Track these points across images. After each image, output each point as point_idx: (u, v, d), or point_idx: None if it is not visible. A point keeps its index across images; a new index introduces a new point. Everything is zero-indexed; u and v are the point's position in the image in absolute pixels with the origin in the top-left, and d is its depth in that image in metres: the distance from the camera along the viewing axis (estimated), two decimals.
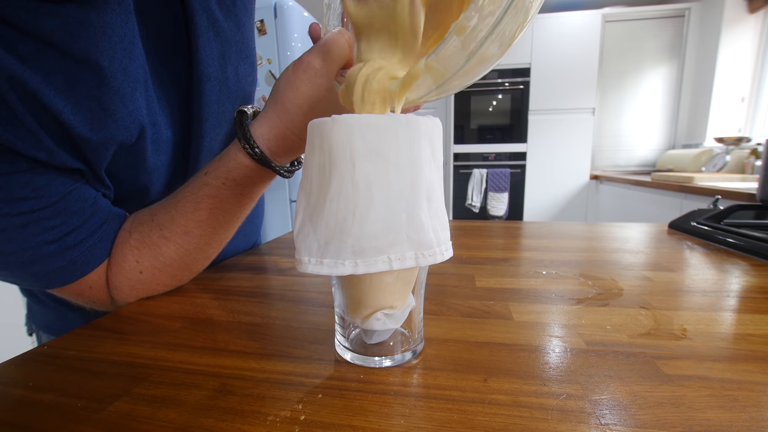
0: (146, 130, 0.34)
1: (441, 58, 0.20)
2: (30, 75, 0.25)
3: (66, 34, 0.26)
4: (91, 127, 0.29)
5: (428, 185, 0.22)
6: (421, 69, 0.21)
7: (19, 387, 0.23)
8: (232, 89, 0.42)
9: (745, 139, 2.10)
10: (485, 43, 0.19)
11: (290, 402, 0.21)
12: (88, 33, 0.27)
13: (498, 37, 0.19)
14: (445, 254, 0.22)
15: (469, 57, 0.20)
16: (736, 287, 0.37)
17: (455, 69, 0.20)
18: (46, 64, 0.26)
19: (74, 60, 0.27)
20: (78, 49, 0.27)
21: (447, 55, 0.20)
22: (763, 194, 0.68)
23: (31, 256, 0.29)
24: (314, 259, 0.21)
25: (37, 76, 0.26)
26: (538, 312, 0.32)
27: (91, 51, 0.28)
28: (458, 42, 0.19)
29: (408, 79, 0.22)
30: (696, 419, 0.18)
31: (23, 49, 0.25)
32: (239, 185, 0.35)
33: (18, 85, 0.25)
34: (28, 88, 0.25)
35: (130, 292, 0.35)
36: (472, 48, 0.19)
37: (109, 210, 0.35)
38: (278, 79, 0.34)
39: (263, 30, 1.85)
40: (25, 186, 0.28)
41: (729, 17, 2.40)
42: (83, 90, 0.28)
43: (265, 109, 0.35)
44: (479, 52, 0.19)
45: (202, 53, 0.37)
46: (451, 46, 0.19)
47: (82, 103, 0.28)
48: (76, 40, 0.27)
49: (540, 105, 2.82)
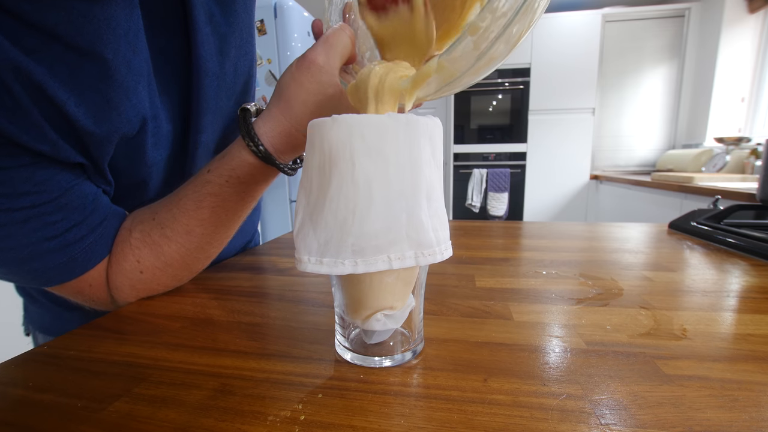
0: (147, 124, 0.34)
1: (453, 57, 0.20)
2: (34, 67, 0.25)
3: (70, 26, 0.26)
4: (95, 119, 0.29)
5: (428, 185, 0.22)
6: (433, 68, 0.21)
7: (19, 387, 0.23)
8: (230, 85, 0.42)
9: (745, 139, 2.10)
10: (496, 44, 0.19)
11: (290, 402, 0.21)
12: (93, 25, 0.27)
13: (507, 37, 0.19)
14: (444, 254, 0.22)
15: (479, 57, 0.20)
16: (736, 287, 0.37)
17: (465, 68, 0.21)
18: (50, 56, 0.26)
19: (78, 52, 0.27)
20: (82, 41, 0.27)
21: (459, 55, 0.20)
22: (763, 194, 0.68)
23: (31, 252, 0.29)
24: (314, 258, 0.21)
25: (41, 68, 0.26)
26: (538, 312, 0.32)
27: (96, 43, 0.28)
28: (471, 42, 0.19)
29: (420, 78, 0.22)
30: (696, 419, 0.18)
31: (27, 41, 0.25)
32: (242, 183, 0.35)
33: (23, 76, 0.25)
34: (32, 79, 0.25)
35: (130, 291, 0.35)
36: (483, 48, 0.19)
37: (109, 207, 0.35)
38: (282, 77, 0.34)
39: (263, 30, 1.85)
40: (27, 181, 0.28)
41: (729, 17, 2.40)
42: (87, 82, 0.28)
43: (269, 106, 0.35)
44: (489, 52, 0.20)
45: (201, 49, 0.37)
46: (463, 45, 0.19)
47: (85, 95, 0.28)
48: (80, 33, 0.27)
49: (540, 105, 2.82)
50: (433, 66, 0.21)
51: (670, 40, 2.74)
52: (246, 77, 0.45)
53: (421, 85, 0.23)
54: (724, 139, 2.17)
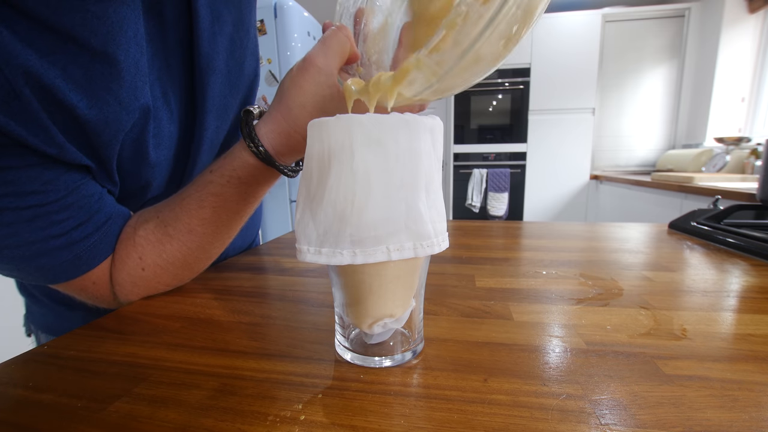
0: (150, 124, 0.34)
1: (432, 54, 0.20)
2: (47, 69, 0.26)
3: (85, 28, 0.27)
4: (107, 119, 0.30)
5: (427, 176, 0.22)
6: (412, 64, 0.21)
7: (19, 387, 0.23)
8: (236, 83, 0.43)
9: (745, 139, 2.10)
10: (478, 42, 0.19)
11: (290, 402, 0.21)
12: (106, 27, 0.28)
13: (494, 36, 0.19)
14: (442, 245, 0.22)
15: (462, 54, 0.19)
16: (736, 287, 0.37)
17: (448, 66, 0.20)
18: (64, 58, 0.26)
19: (92, 53, 0.28)
20: (96, 42, 0.27)
21: (438, 51, 0.19)
22: (763, 194, 0.68)
23: (37, 249, 0.30)
24: (313, 248, 0.21)
25: (55, 70, 0.26)
26: (538, 312, 0.32)
27: (108, 44, 0.28)
28: (450, 39, 0.19)
29: (399, 74, 0.22)
30: (696, 419, 0.18)
31: (42, 42, 0.25)
32: (244, 184, 0.35)
33: (34, 80, 0.25)
34: (43, 83, 0.26)
35: (131, 288, 0.35)
36: (466, 45, 0.19)
37: (114, 206, 0.35)
38: (283, 79, 0.34)
39: (263, 30, 1.85)
40: (35, 180, 0.28)
41: (729, 17, 2.40)
42: (100, 83, 0.29)
43: (270, 109, 0.35)
44: (473, 49, 0.19)
45: (207, 47, 0.37)
46: (441, 41, 0.19)
47: (98, 95, 0.29)
48: (94, 34, 0.27)
49: (540, 105, 2.82)
50: (412, 61, 0.21)
51: (670, 40, 2.73)
52: (252, 76, 0.45)
53: (401, 82, 0.22)
54: (724, 139, 2.17)
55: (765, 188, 0.68)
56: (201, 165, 0.43)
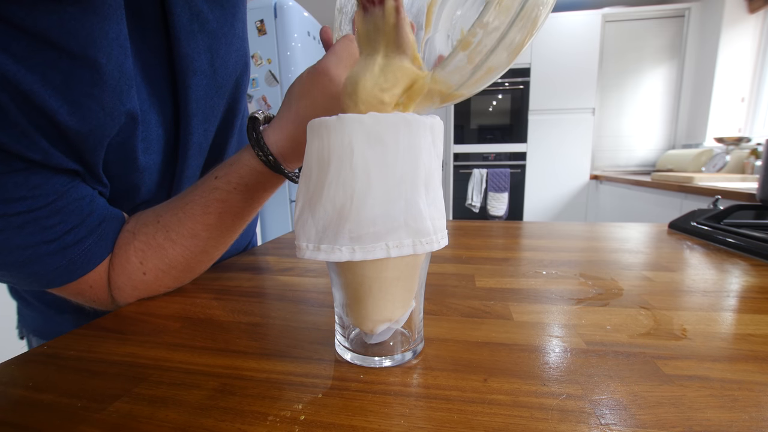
0: (138, 128, 0.34)
1: (447, 72, 0.20)
2: (24, 74, 0.25)
3: (63, 31, 0.26)
4: (90, 126, 0.29)
5: (427, 172, 0.21)
6: (428, 82, 0.22)
7: (19, 387, 0.23)
8: (221, 82, 0.41)
9: (745, 139, 2.10)
10: (491, 56, 0.19)
11: (290, 402, 0.21)
12: (85, 30, 0.27)
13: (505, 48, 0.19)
14: (441, 242, 0.22)
15: (475, 69, 0.20)
16: (736, 287, 0.37)
17: (462, 81, 0.21)
18: (42, 63, 0.25)
19: (71, 58, 0.27)
20: (76, 46, 0.26)
21: (452, 69, 0.20)
22: (763, 194, 0.68)
23: (30, 255, 0.29)
24: (312, 245, 0.21)
25: (33, 76, 0.25)
26: (538, 312, 0.32)
27: (89, 48, 0.27)
28: (464, 56, 0.19)
29: (414, 93, 0.23)
30: (696, 419, 0.18)
31: (17, 46, 0.24)
32: (250, 190, 0.35)
33: (11, 85, 0.24)
34: (20, 88, 0.25)
35: (131, 292, 0.35)
36: (478, 61, 0.20)
37: (106, 208, 0.34)
38: (292, 86, 0.34)
39: (263, 30, 1.85)
40: (21, 186, 0.27)
41: (729, 17, 2.40)
42: (81, 89, 0.28)
43: (279, 115, 0.35)
44: (486, 64, 0.20)
45: (186, 48, 0.36)
46: (456, 60, 0.20)
47: (80, 101, 0.28)
48: (73, 37, 0.26)
49: (540, 105, 2.82)
50: (427, 80, 0.21)
51: (670, 40, 2.73)
52: (238, 74, 0.44)
53: (416, 100, 0.23)
54: (724, 139, 2.17)
55: (765, 188, 0.68)
56: (190, 169, 0.42)
